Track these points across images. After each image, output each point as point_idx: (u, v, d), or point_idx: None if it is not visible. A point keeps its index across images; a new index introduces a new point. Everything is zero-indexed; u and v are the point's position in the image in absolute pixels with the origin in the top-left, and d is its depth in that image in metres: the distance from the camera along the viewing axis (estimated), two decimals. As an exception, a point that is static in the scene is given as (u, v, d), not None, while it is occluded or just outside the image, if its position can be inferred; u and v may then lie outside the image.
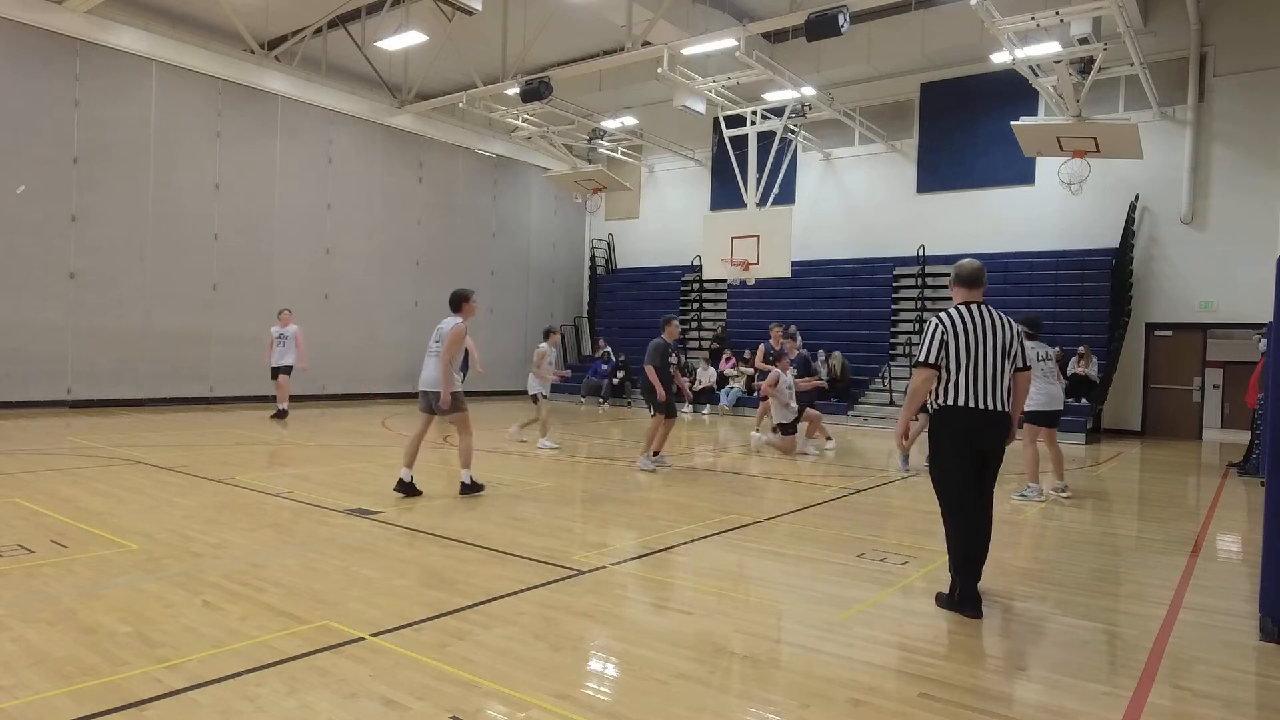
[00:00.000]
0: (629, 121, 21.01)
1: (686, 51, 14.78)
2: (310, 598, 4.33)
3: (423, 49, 16.59)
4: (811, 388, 12.03)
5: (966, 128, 18.14)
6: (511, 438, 11.70)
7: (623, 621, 4.18)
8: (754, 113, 16.93)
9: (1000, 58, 14.33)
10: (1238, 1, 15.32)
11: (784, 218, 16.71)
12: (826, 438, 11.83)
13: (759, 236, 16.60)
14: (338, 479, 8.19)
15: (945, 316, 4.55)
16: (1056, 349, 9.00)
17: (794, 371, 11.29)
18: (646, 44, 14.80)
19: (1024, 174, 17.40)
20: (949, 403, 4.48)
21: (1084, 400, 14.74)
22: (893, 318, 18.76)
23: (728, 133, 17.21)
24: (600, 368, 20.57)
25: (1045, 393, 8.07)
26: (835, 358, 17.28)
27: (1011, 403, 4.59)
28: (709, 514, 6.97)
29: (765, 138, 16.81)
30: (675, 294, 22.24)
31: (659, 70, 14.79)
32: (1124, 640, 4.14)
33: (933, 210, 18.62)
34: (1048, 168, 16.39)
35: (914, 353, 16.13)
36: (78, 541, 5.36)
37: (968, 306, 4.58)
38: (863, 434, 14.81)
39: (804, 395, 11.61)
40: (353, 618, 4.02)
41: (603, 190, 20.08)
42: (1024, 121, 14.32)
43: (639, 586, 4.86)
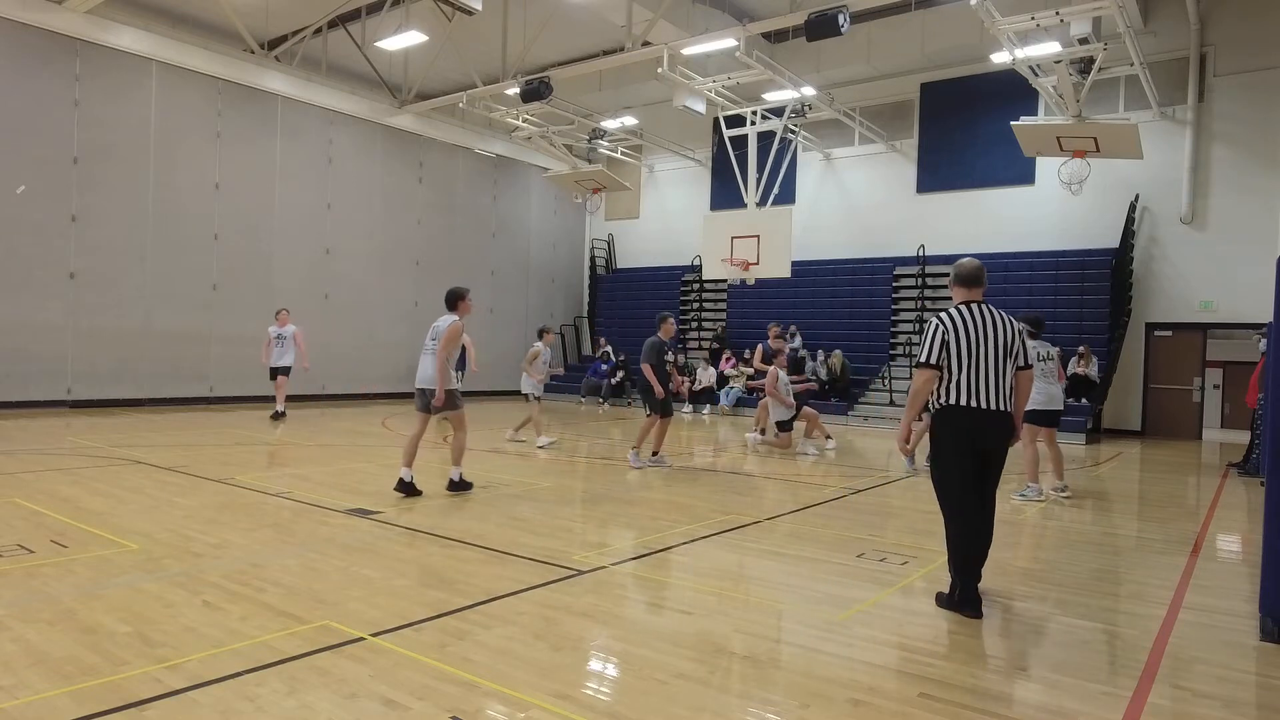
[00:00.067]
0: (629, 121, 21.01)
1: (686, 51, 14.77)
2: (310, 598, 4.33)
3: (423, 49, 16.58)
4: (803, 389, 12.23)
5: (966, 128, 18.14)
6: (509, 440, 11.70)
7: (623, 621, 4.18)
8: (754, 113, 16.93)
9: (1000, 58, 14.33)
10: (1238, 1, 15.32)
11: (784, 218, 16.71)
12: (826, 436, 11.84)
13: (759, 236, 16.60)
14: (338, 479, 8.19)
15: (945, 316, 4.53)
16: (1057, 349, 8.99)
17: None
18: (646, 44, 14.80)
19: (1024, 174, 17.40)
20: (950, 402, 4.47)
21: (1084, 400, 14.74)
22: (893, 318, 18.76)
23: (728, 133, 17.20)
24: (600, 368, 20.56)
25: (1045, 392, 8.07)
26: (835, 357, 17.29)
27: (1013, 402, 4.58)
28: (709, 514, 6.97)
29: (765, 138, 16.80)
30: (675, 294, 22.23)
31: (659, 70, 14.79)
32: (1124, 640, 4.14)
33: (933, 210, 18.62)
34: (1048, 168, 16.39)
35: (914, 353, 16.18)
36: (78, 541, 5.36)
37: (968, 306, 4.57)
38: (863, 434, 14.81)
39: (799, 395, 11.78)
40: (353, 618, 4.02)
41: (603, 190, 20.07)
42: (1024, 121, 14.31)
43: (639, 586, 4.86)
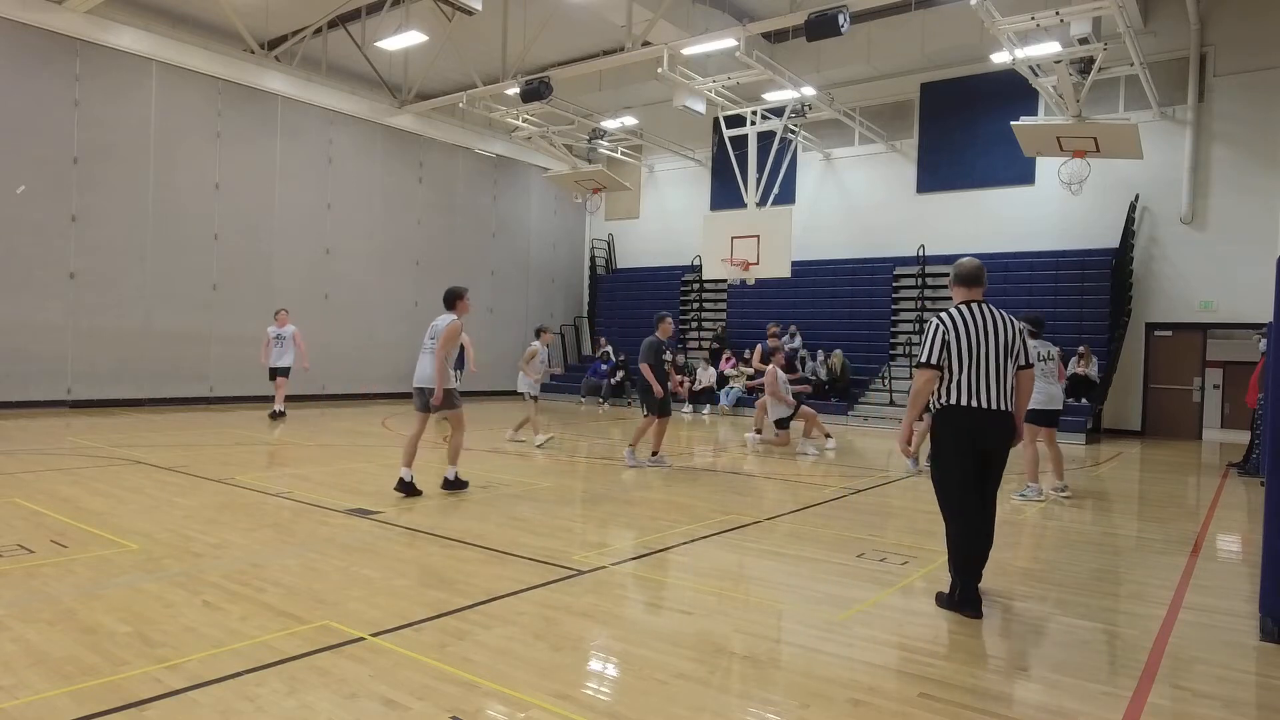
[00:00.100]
0: (629, 121, 21.00)
1: (686, 51, 14.77)
2: (310, 598, 4.33)
3: (423, 49, 16.58)
4: (798, 390, 12.37)
5: (966, 128, 18.13)
6: (509, 440, 11.71)
7: (623, 621, 4.18)
8: (754, 113, 16.92)
9: (1000, 58, 14.32)
10: (1238, 1, 15.32)
11: (784, 218, 16.71)
12: (826, 435, 11.87)
13: (759, 236, 16.60)
14: (338, 479, 8.19)
15: (946, 316, 4.53)
16: (1057, 349, 8.99)
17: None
18: (646, 44, 14.79)
19: (1024, 174, 17.40)
20: (951, 402, 4.46)
21: (1084, 400, 14.74)
22: (893, 318, 18.75)
23: (728, 133, 17.20)
24: (600, 368, 20.55)
25: (1045, 392, 8.07)
26: (836, 357, 17.29)
27: (1015, 402, 4.57)
28: (709, 514, 6.97)
29: (765, 138, 16.80)
30: (675, 294, 22.23)
31: (659, 70, 14.79)
32: (1124, 640, 4.14)
33: (933, 210, 18.62)
34: (1048, 168, 16.39)
35: (914, 353, 16.17)
36: (78, 541, 5.36)
37: (968, 305, 4.56)
38: (863, 434, 14.81)
39: (795, 395, 11.93)
40: (353, 618, 4.02)
41: (603, 190, 20.07)
42: (1024, 121, 14.31)
43: (639, 586, 4.86)
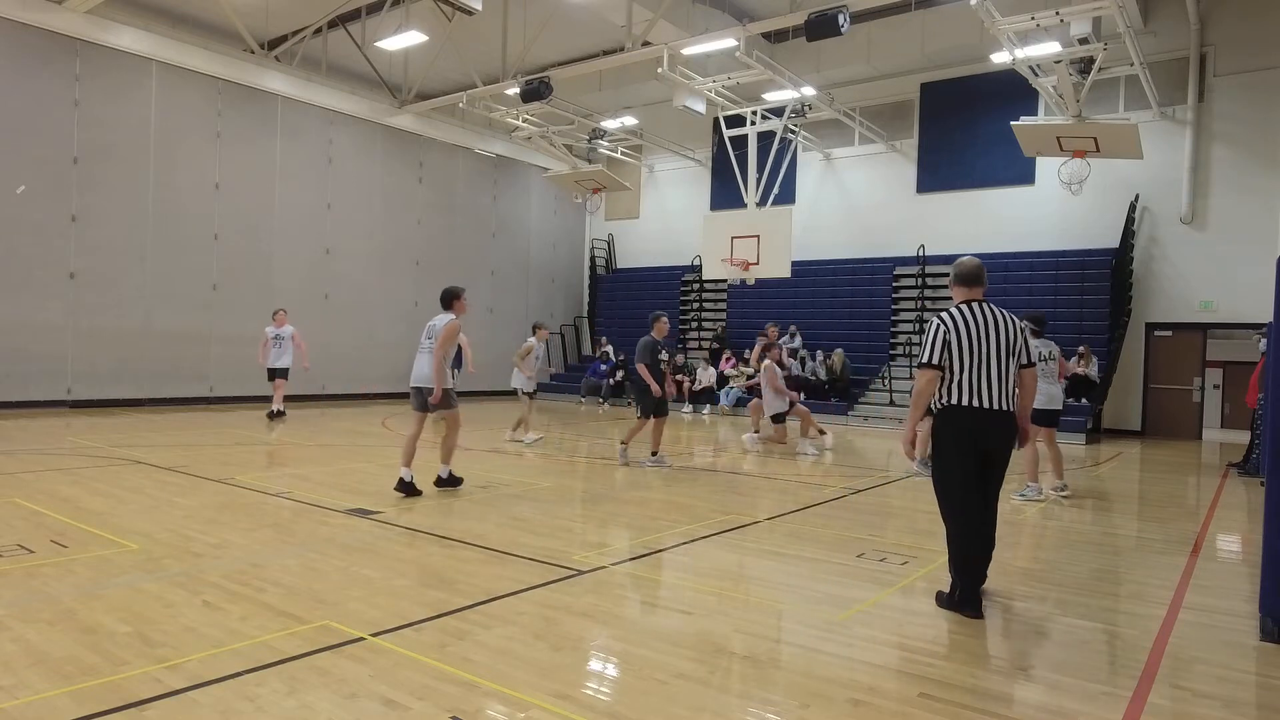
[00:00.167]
0: (629, 121, 21.00)
1: (686, 51, 14.77)
2: (310, 598, 4.33)
3: (423, 49, 16.58)
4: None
5: (966, 128, 18.13)
6: (509, 440, 11.70)
7: (623, 621, 4.18)
8: (754, 113, 16.92)
9: (1000, 58, 14.32)
10: (1238, 1, 15.32)
11: (784, 218, 16.71)
12: (821, 432, 11.90)
13: (759, 236, 16.60)
14: (338, 479, 8.19)
15: (946, 316, 4.52)
16: (1058, 348, 8.98)
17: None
18: (646, 44, 14.79)
19: (1024, 174, 17.40)
20: (952, 402, 4.45)
21: (1084, 400, 14.73)
22: (893, 318, 18.75)
23: (728, 133, 17.20)
24: (599, 368, 20.55)
25: (1045, 392, 8.06)
26: (837, 356, 17.29)
27: (1017, 402, 4.56)
28: (709, 514, 6.96)
29: (765, 138, 16.80)
30: (675, 294, 22.23)
31: (659, 70, 14.78)
32: (1124, 640, 4.14)
33: (933, 210, 18.62)
34: (1048, 168, 16.38)
35: (915, 353, 16.18)
36: (78, 541, 5.36)
37: (969, 305, 4.55)
38: (863, 434, 14.81)
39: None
40: (353, 618, 4.01)
41: (603, 190, 20.07)
42: (1024, 121, 14.31)
43: (639, 586, 4.86)
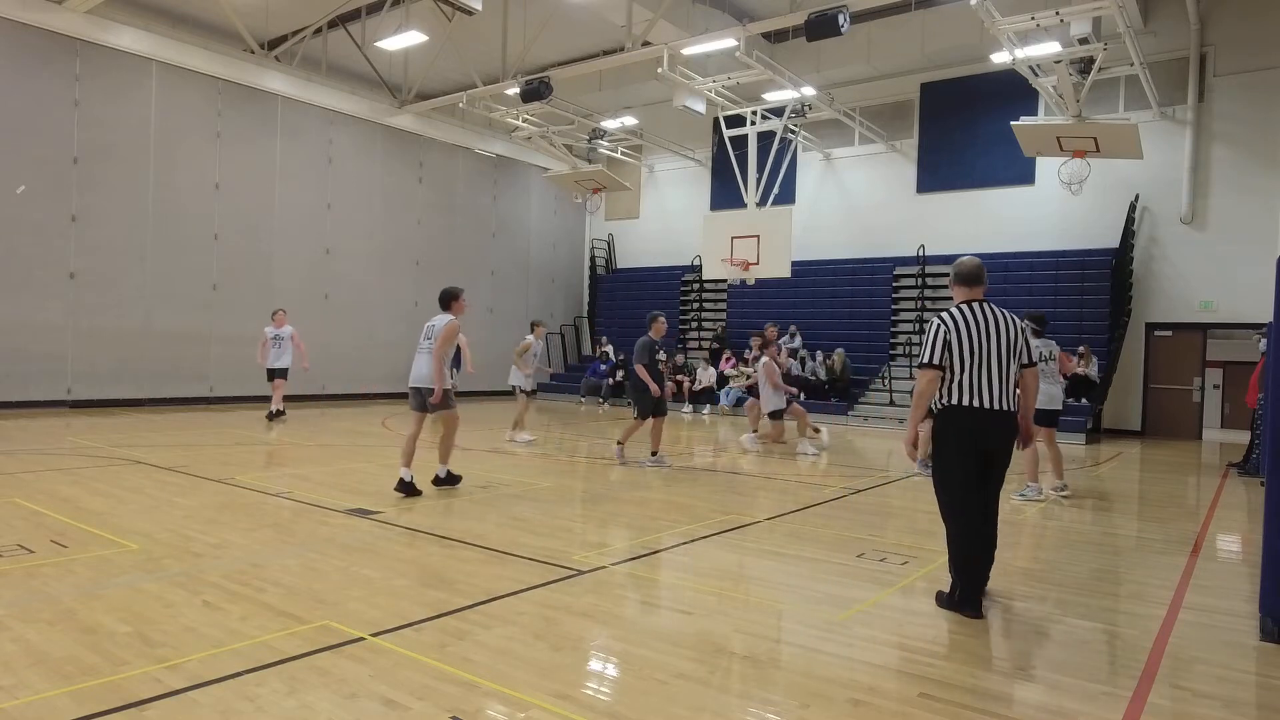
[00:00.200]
0: (629, 121, 21.00)
1: (686, 51, 14.77)
2: (310, 598, 4.33)
3: (423, 49, 16.58)
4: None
5: (966, 128, 18.13)
6: (509, 440, 11.70)
7: (623, 621, 4.18)
8: (754, 113, 16.93)
9: (1000, 58, 14.32)
10: (1238, 1, 15.32)
11: (784, 218, 16.71)
12: (815, 430, 11.92)
13: (759, 236, 16.60)
14: (338, 479, 8.19)
15: (947, 316, 4.51)
16: (1059, 348, 8.98)
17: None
18: (646, 44, 14.79)
19: (1024, 174, 17.40)
20: (953, 402, 4.44)
21: (1084, 400, 14.73)
22: (893, 318, 18.75)
23: (728, 133, 17.20)
24: (599, 368, 20.56)
25: (1045, 392, 8.06)
26: (837, 356, 17.29)
27: (1020, 402, 4.55)
28: (709, 514, 6.96)
29: (765, 138, 16.80)
30: (675, 294, 22.23)
31: (659, 70, 14.78)
32: (1124, 640, 4.14)
33: (933, 210, 18.62)
34: (1048, 168, 16.38)
35: (915, 353, 16.17)
36: (78, 541, 5.36)
37: (969, 305, 4.55)
38: (863, 434, 14.81)
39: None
40: (353, 618, 4.01)
41: (603, 190, 20.07)
42: (1024, 121, 14.31)
43: (639, 586, 4.86)
